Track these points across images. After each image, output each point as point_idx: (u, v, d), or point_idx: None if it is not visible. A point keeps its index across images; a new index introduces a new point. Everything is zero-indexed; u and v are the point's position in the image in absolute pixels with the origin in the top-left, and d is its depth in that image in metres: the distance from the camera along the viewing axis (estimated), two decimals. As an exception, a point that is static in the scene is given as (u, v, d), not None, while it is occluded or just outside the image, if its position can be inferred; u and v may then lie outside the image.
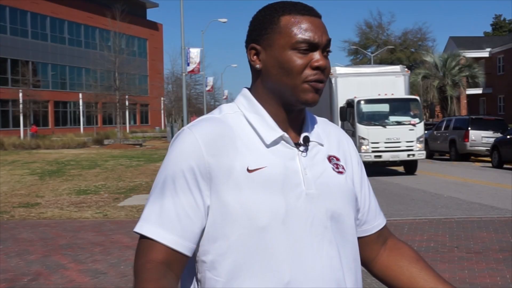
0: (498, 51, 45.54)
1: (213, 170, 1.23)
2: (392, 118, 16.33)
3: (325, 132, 1.40)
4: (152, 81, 60.86)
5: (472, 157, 22.38)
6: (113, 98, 37.05)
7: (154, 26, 68.32)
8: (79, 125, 51.74)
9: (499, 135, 20.36)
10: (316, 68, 1.27)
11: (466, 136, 21.47)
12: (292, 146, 1.30)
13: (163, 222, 1.22)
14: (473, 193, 12.11)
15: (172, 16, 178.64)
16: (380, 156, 15.86)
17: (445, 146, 22.89)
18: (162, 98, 60.14)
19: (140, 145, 34.86)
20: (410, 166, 16.81)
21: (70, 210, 10.31)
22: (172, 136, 14.62)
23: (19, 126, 41.08)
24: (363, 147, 15.74)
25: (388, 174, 16.77)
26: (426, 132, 25.34)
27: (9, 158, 23.55)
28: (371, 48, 65.84)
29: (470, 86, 43.27)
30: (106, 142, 35.81)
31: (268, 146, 1.28)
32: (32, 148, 31.33)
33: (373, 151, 15.83)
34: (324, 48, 1.30)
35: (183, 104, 24.33)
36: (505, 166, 18.63)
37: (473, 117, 22.80)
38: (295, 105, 1.30)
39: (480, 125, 21.75)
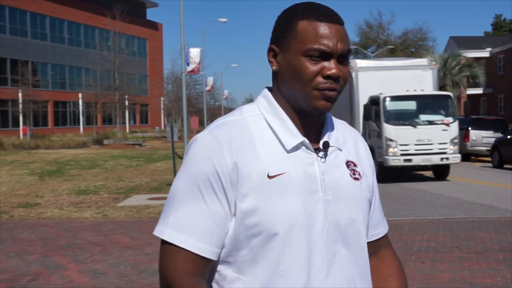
0: (498, 51, 45.54)
1: (235, 173, 1.23)
2: (423, 117, 14.64)
3: (343, 136, 1.40)
4: (152, 81, 60.82)
5: (473, 157, 22.37)
6: (113, 98, 37.03)
7: (154, 26, 68.31)
8: (79, 125, 51.73)
9: (499, 135, 20.36)
10: (328, 77, 1.25)
11: (467, 136, 21.47)
12: (312, 152, 1.30)
13: (193, 231, 1.23)
14: (473, 193, 12.11)
15: (172, 16, 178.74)
16: (410, 160, 14.21)
17: (445, 146, 22.91)
18: (162, 98, 60.12)
19: (139, 145, 34.85)
20: (441, 171, 15.13)
21: (70, 210, 10.30)
22: (172, 136, 14.56)
23: (18, 126, 41.06)
24: (391, 149, 14.20)
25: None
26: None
27: (8, 158, 23.53)
28: (371, 48, 65.84)
29: (471, 86, 43.27)
30: (105, 142, 35.79)
31: (288, 151, 1.27)
32: (32, 148, 31.31)
33: (402, 154, 14.19)
34: (341, 56, 1.26)
35: (183, 104, 24.31)
36: (505, 166, 18.62)
37: (474, 117, 22.79)
38: (307, 111, 1.30)
39: (481, 125, 21.74)
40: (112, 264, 6.22)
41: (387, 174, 14.80)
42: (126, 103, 40.98)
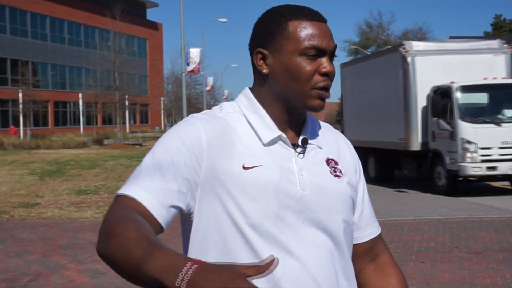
0: (498, 51, 45.53)
1: (210, 164, 1.23)
2: (509, 113, 11.68)
3: (324, 136, 1.40)
4: (152, 81, 60.81)
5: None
6: (113, 98, 37.04)
7: (154, 26, 68.31)
8: (79, 125, 51.72)
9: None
10: (325, 74, 1.28)
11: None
12: (289, 147, 1.30)
13: (147, 186, 1.19)
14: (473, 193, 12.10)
15: (172, 16, 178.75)
16: (494, 168, 11.15)
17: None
18: (162, 98, 60.14)
19: (140, 145, 34.85)
20: None
21: (70, 210, 10.30)
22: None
23: (18, 126, 41.06)
24: (469, 154, 11.17)
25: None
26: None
27: (8, 158, 23.54)
28: (371, 48, 65.83)
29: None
30: (106, 142, 35.80)
31: (265, 145, 1.28)
32: (32, 148, 31.31)
33: (483, 161, 11.17)
34: (331, 53, 1.30)
35: (183, 104, 24.33)
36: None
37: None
38: (301, 110, 1.32)
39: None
40: (112, 264, 6.22)
41: (461, 186, 12.10)
42: (126, 103, 40.97)
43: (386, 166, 14.69)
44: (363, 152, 14.29)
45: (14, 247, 7.19)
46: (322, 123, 1.45)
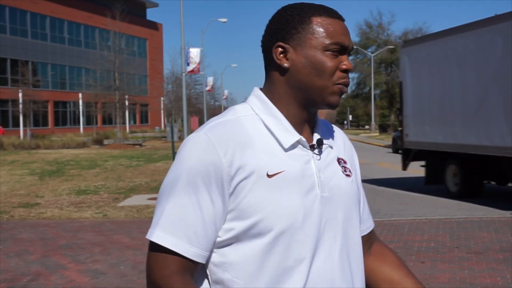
0: (498, 51, 45.44)
1: (232, 177, 1.21)
2: None
3: (332, 135, 1.42)
4: (152, 81, 60.80)
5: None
6: (113, 98, 37.03)
7: (154, 26, 68.30)
8: (79, 125, 51.72)
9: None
10: (345, 70, 1.29)
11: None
12: (308, 149, 1.30)
13: (183, 233, 1.20)
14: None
15: (172, 16, 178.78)
16: None
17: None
18: (162, 98, 60.11)
19: (139, 145, 34.84)
20: None
21: (70, 210, 10.30)
22: (172, 136, 14.57)
23: (18, 126, 41.05)
24: None
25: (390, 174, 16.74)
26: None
27: (8, 158, 23.54)
28: (371, 48, 65.86)
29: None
30: (105, 142, 35.79)
31: (286, 150, 1.28)
32: (32, 148, 31.32)
33: None
34: (350, 52, 1.33)
35: (183, 104, 24.33)
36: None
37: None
38: (319, 106, 1.32)
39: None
40: (112, 264, 6.22)
41: None
42: (126, 103, 40.97)
43: (474, 177, 11.07)
44: (438, 157, 11.74)
45: (14, 247, 7.19)
46: (323, 120, 1.45)
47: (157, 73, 63.48)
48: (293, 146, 1.28)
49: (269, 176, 1.22)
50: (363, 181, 14.44)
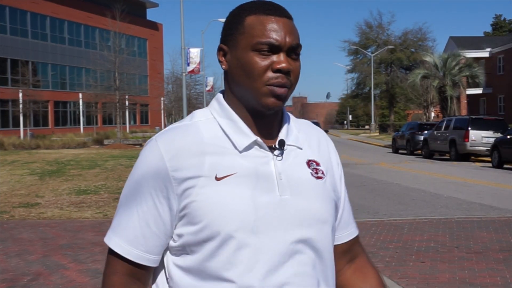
0: (498, 51, 45.56)
1: (179, 182, 1.20)
2: None
3: (305, 135, 1.35)
4: (152, 81, 60.82)
5: (472, 157, 22.38)
6: (113, 98, 37.02)
7: (154, 26, 68.30)
8: (79, 125, 51.71)
9: (499, 135, 20.37)
10: (278, 70, 1.21)
11: (466, 136, 21.48)
12: (266, 150, 1.25)
13: (129, 236, 1.24)
14: (473, 193, 12.11)
15: (172, 16, 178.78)
16: None
17: (445, 146, 22.90)
18: (162, 98, 60.12)
19: (140, 145, 34.84)
20: None
21: (70, 210, 10.31)
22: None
23: (19, 126, 41.05)
24: None
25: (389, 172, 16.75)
26: (426, 132, 25.40)
27: (9, 158, 23.54)
28: (371, 48, 65.85)
29: (470, 86, 43.27)
30: (106, 142, 35.79)
31: (240, 151, 1.24)
32: (32, 148, 31.32)
33: None
34: (291, 50, 1.23)
35: (183, 104, 24.33)
36: (505, 166, 18.64)
37: (473, 117, 22.81)
38: (258, 109, 1.25)
39: (480, 125, 21.76)
40: (112, 264, 6.23)
41: None
42: (126, 103, 40.96)
43: None
44: None
45: (14, 247, 7.19)
46: (302, 121, 1.40)
47: (157, 73, 63.50)
48: (248, 148, 1.24)
49: (217, 179, 1.20)
50: (363, 181, 14.47)
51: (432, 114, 44.93)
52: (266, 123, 1.28)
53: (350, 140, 43.54)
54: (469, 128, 21.53)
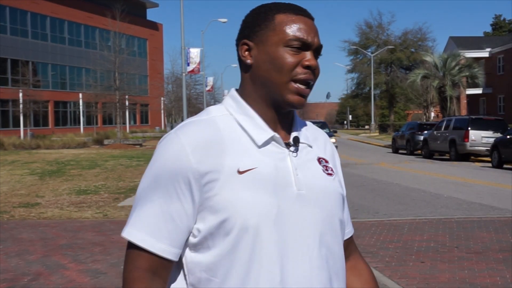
0: (498, 51, 45.55)
1: (202, 175, 1.22)
2: None
3: (313, 135, 1.41)
4: (152, 81, 60.81)
5: (472, 157, 22.39)
6: (113, 98, 37.02)
7: (154, 26, 68.29)
8: (79, 125, 51.71)
9: (499, 135, 20.37)
10: (307, 67, 1.28)
11: (466, 136, 21.48)
12: (283, 147, 1.30)
13: (151, 229, 1.23)
14: (473, 193, 12.11)
15: (172, 16, 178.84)
16: None
17: (445, 146, 22.90)
18: (162, 98, 60.13)
19: (140, 145, 34.85)
20: None
21: (70, 210, 10.31)
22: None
23: (19, 126, 41.05)
24: None
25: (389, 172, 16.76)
26: (426, 132, 25.40)
27: (9, 158, 23.54)
28: (371, 48, 65.84)
29: (470, 86, 43.27)
30: (106, 142, 35.78)
31: (259, 147, 1.28)
32: (32, 148, 31.32)
33: None
34: (316, 50, 1.31)
35: (183, 104, 24.33)
36: (505, 166, 18.64)
37: (473, 117, 22.81)
38: (281, 105, 1.31)
39: (480, 125, 21.76)
40: (113, 264, 6.23)
41: None
42: (126, 103, 40.94)
43: None
44: None
45: (14, 247, 7.20)
46: (306, 122, 1.45)
47: (157, 73, 63.50)
48: (266, 143, 1.28)
49: (240, 172, 1.23)
50: (363, 181, 14.46)
51: (432, 114, 44.93)
52: (281, 121, 1.33)
53: (350, 140, 43.54)
54: (469, 128, 21.53)
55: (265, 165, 1.25)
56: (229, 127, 1.29)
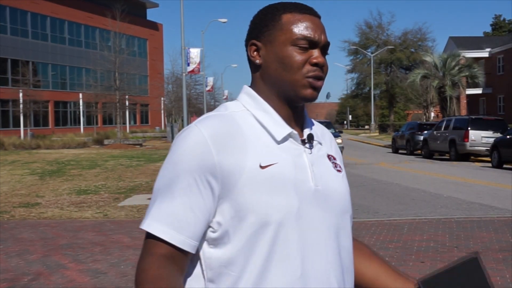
0: (497, 51, 45.55)
1: (224, 169, 1.23)
2: None
3: (321, 132, 1.44)
4: (152, 81, 60.83)
5: (472, 157, 22.39)
6: (113, 98, 37.03)
7: (154, 26, 68.29)
8: (79, 125, 51.73)
9: (499, 135, 20.37)
10: (315, 64, 1.30)
11: (466, 136, 21.48)
12: (299, 143, 1.33)
13: (171, 221, 1.23)
14: (473, 193, 12.12)
15: (172, 16, 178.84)
16: None
17: (445, 146, 22.90)
18: (162, 98, 60.13)
19: (140, 145, 34.85)
20: None
21: (70, 210, 10.31)
22: (173, 136, 14.57)
23: (19, 126, 41.06)
24: None
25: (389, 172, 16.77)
26: (425, 132, 25.41)
27: (9, 158, 23.55)
28: (371, 48, 65.84)
29: (470, 86, 43.27)
30: (106, 142, 35.79)
31: (278, 143, 1.30)
32: (32, 148, 31.33)
33: None
34: (323, 48, 1.33)
35: (183, 104, 24.33)
36: (505, 166, 18.64)
37: (473, 117, 22.81)
38: (295, 100, 1.33)
39: (480, 125, 21.76)
40: (113, 264, 6.24)
41: None
42: (127, 103, 40.96)
43: None
44: None
45: (14, 247, 7.20)
46: (312, 120, 1.47)
47: (157, 73, 63.50)
48: (284, 139, 1.31)
49: (261, 167, 1.24)
50: (363, 181, 14.46)
51: (432, 114, 44.93)
52: (295, 117, 1.36)
53: (350, 140, 43.52)
54: (469, 128, 21.53)
55: (285, 161, 1.28)
56: (248, 122, 1.31)
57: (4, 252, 6.91)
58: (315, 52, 1.31)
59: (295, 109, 1.35)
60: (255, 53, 1.35)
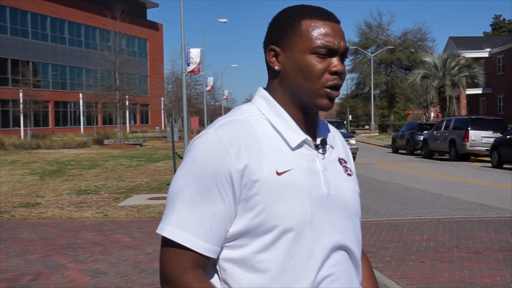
0: (497, 51, 45.54)
1: (242, 174, 1.23)
2: None
3: (332, 135, 1.44)
4: (152, 81, 60.83)
5: (472, 157, 22.39)
6: (113, 98, 37.04)
7: (154, 26, 68.29)
8: (79, 125, 51.73)
9: (499, 135, 20.38)
10: (334, 73, 1.30)
11: (466, 136, 21.48)
12: (313, 149, 1.33)
13: (197, 230, 1.23)
14: (473, 193, 12.12)
15: (172, 16, 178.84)
16: None
17: (445, 146, 22.90)
18: (162, 98, 60.11)
19: (140, 145, 34.86)
20: None
21: (70, 210, 10.32)
22: (172, 136, 14.55)
23: (19, 126, 41.07)
24: None
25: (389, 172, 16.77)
26: (425, 132, 25.40)
27: (9, 158, 23.55)
28: (371, 48, 65.83)
29: (470, 86, 43.26)
30: (106, 142, 35.81)
31: (293, 149, 1.30)
32: (33, 148, 31.34)
33: None
34: (342, 54, 1.32)
35: (183, 104, 24.32)
36: (505, 166, 18.64)
37: (473, 117, 22.81)
38: (310, 108, 1.33)
39: (480, 125, 21.76)
40: (113, 264, 6.24)
41: None
42: (127, 103, 40.98)
43: None
44: None
45: (14, 247, 7.21)
46: (324, 121, 1.47)
47: (157, 73, 63.50)
48: (299, 146, 1.31)
49: (278, 174, 1.25)
50: (363, 181, 14.48)
51: (432, 114, 44.92)
52: (309, 122, 1.37)
53: (350, 140, 43.46)
54: (469, 128, 21.53)
55: (300, 167, 1.28)
56: (263, 128, 1.31)
57: (4, 252, 6.92)
58: (335, 60, 1.30)
59: (309, 115, 1.35)
60: (273, 58, 1.34)
